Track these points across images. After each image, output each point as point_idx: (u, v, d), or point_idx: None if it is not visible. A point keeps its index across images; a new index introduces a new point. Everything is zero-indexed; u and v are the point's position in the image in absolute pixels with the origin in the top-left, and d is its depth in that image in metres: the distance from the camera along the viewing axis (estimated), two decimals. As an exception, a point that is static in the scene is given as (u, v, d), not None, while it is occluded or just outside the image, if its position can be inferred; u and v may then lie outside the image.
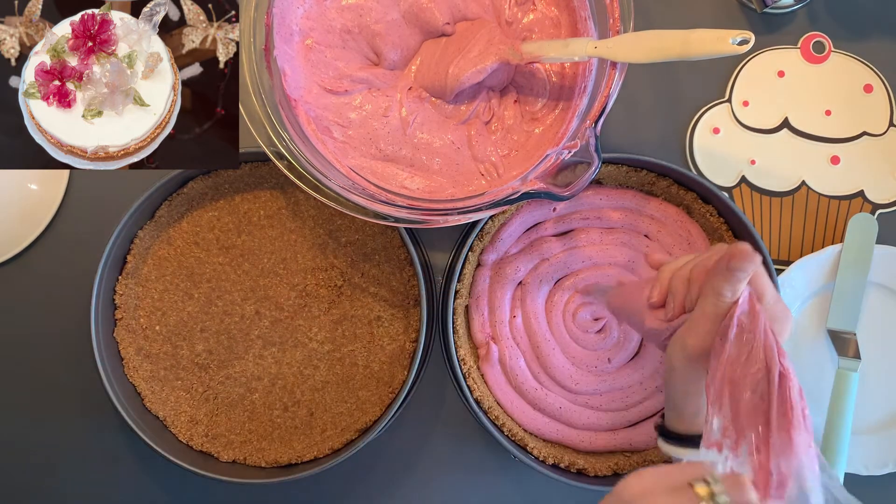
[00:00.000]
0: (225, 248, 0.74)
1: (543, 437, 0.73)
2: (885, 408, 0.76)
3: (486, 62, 0.66)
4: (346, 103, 0.69)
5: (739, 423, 0.47)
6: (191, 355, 0.73)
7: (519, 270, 0.73)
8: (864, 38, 0.79)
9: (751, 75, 0.79)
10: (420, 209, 0.64)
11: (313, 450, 0.72)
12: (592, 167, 0.60)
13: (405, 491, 0.77)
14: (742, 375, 0.47)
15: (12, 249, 0.77)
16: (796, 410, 0.46)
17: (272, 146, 0.63)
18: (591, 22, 0.67)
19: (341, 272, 0.74)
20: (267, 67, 0.64)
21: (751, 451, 0.46)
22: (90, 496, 0.77)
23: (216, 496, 0.77)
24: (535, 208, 0.74)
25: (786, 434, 0.45)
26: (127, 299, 0.73)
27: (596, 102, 0.63)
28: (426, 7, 0.68)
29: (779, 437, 0.45)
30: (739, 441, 0.46)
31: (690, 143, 0.78)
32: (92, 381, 0.71)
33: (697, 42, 0.57)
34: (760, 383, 0.47)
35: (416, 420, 0.77)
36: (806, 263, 0.76)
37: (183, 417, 0.73)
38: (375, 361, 0.73)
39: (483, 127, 0.70)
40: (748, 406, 0.47)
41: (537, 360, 0.73)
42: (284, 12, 0.67)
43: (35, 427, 0.77)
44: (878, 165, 0.78)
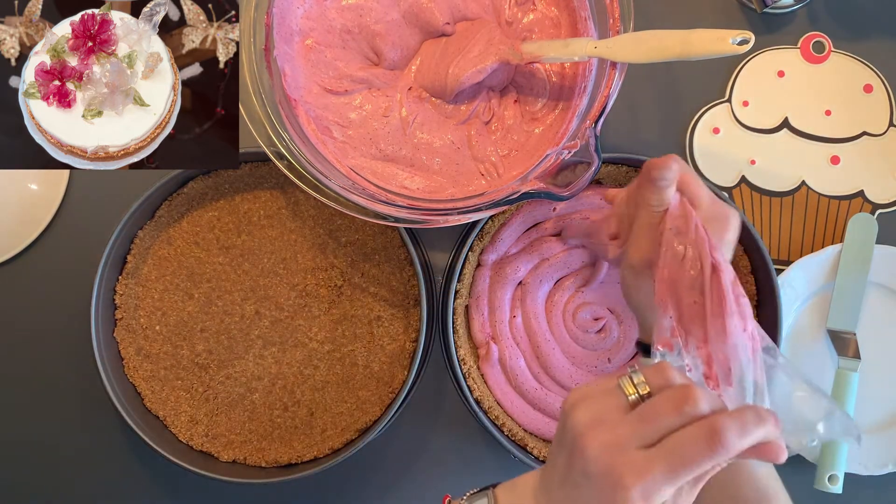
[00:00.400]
0: (225, 248, 0.74)
1: (543, 437, 0.73)
2: (885, 408, 0.76)
3: (486, 62, 0.67)
4: (346, 103, 0.69)
5: (685, 321, 0.48)
6: (191, 355, 0.73)
7: (519, 270, 0.73)
8: (864, 38, 0.79)
9: (751, 75, 0.79)
10: (420, 209, 0.64)
11: (313, 450, 0.72)
12: (592, 167, 0.60)
13: (405, 491, 0.77)
14: (681, 275, 0.49)
15: (12, 249, 0.77)
16: (728, 297, 0.47)
17: (272, 146, 0.63)
18: (591, 22, 0.67)
19: (341, 272, 0.74)
20: (267, 67, 0.64)
21: (698, 346, 0.47)
22: (90, 496, 0.77)
23: (216, 496, 0.77)
24: (535, 208, 0.74)
25: (720, 321, 0.47)
26: (127, 299, 0.73)
27: (596, 102, 0.63)
28: (426, 7, 0.68)
29: (713, 326, 0.47)
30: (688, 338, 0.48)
31: (690, 143, 0.78)
32: (92, 381, 0.71)
33: (697, 42, 0.57)
34: (697, 280, 0.48)
35: (416, 420, 0.77)
36: (806, 263, 0.76)
37: (183, 417, 0.73)
38: (375, 361, 0.73)
39: (483, 127, 0.70)
40: (690, 303, 0.48)
41: (537, 360, 0.73)
42: (284, 12, 0.67)
43: (35, 427, 0.77)
44: (878, 165, 0.78)
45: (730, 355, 0.46)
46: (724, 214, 0.52)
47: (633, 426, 0.42)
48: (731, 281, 0.48)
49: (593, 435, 0.43)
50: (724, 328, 0.46)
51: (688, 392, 0.42)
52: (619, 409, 0.43)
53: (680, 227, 0.50)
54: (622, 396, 0.44)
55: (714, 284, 0.47)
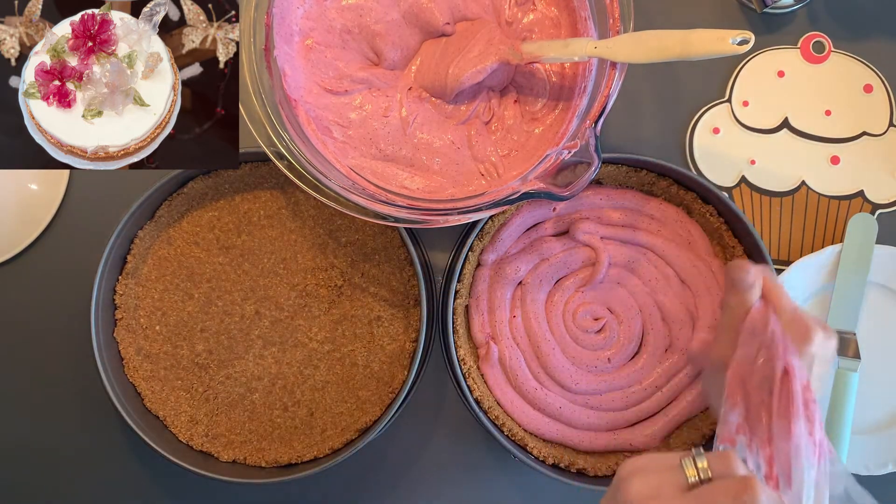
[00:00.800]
0: (225, 248, 0.74)
1: (543, 437, 0.73)
2: (885, 408, 0.76)
3: (486, 62, 0.67)
4: (346, 103, 0.69)
5: (751, 419, 0.49)
6: (191, 355, 0.73)
7: (519, 270, 0.73)
8: (864, 38, 0.79)
9: (751, 75, 0.79)
10: (420, 209, 0.64)
11: (313, 450, 0.72)
12: (592, 167, 0.60)
13: (405, 491, 0.77)
14: (753, 375, 0.49)
15: (12, 249, 0.77)
16: (797, 400, 0.47)
17: (272, 146, 0.63)
18: (591, 22, 0.67)
19: (341, 272, 0.74)
20: (267, 67, 0.64)
21: (761, 445, 0.47)
22: (90, 496, 0.77)
23: (216, 496, 0.77)
24: (535, 208, 0.74)
25: (785, 423, 0.47)
26: (127, 299, 0.73)
27: (596, 102, 0.63)
28: (426, 7, 0.68)
29: (778, 426, 0.47)
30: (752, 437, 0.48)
31: (690, 143, 0.78)
32: (92, 381, 0.71)
33: (697, 42, 0.57)
34: (767, 379, 0.48)
35: (417, 420, 0.77)
36: (806, 263, 0.76)
37: (183, 417, 0.73)
38: (375, 361, 0.73)
39: (483, 127, 0.70)
40: (758, 402, 0.48)
41: (537, 360, 0.73)
42: (284, 12, 0.67)
43: (35, 427, 0.77)
44: (878, 165, 0.78)
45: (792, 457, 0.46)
46: (805, 326, 0.52)
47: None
48: (804, 386, 0.48)
49: None
50: (788, 429, 0.47)
51: (749, 483, 0.42)
52: (677, 488, 0.43)
53: (757, 327, 0.51)
54: (682, 476, 0.44)
55: (784, 385, 0.48)
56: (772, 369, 0.48)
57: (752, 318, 0.51)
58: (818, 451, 0.47)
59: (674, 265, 0.74)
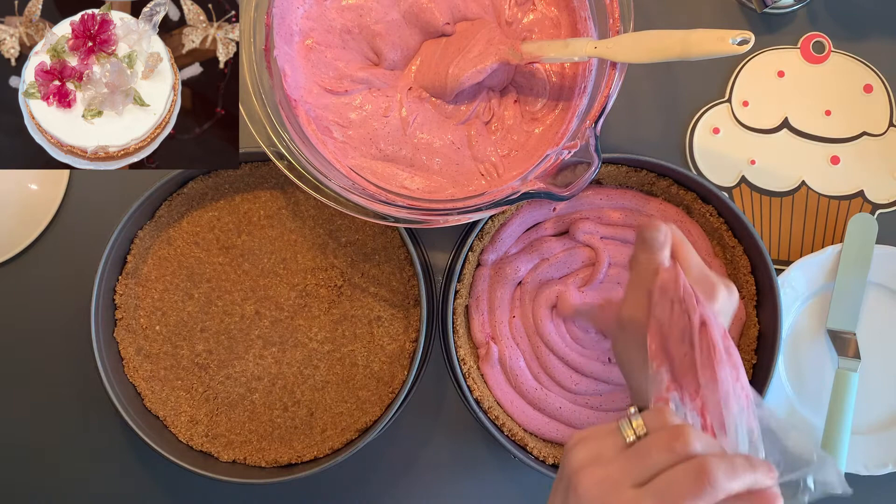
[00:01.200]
0: (225, 248, 0.74)
1: (543, 437, 0.73)
2: (885, 408, 0.76)
3: (486, 62, 0.67)
4: (346, 103, 0.69)
5: (677, 374, 0.49)
6: (191, 355, 0.73)
7: (519, 270, 0.73)
8: (864, 38, 0.79)
9: (751, 75, 0.79)
10: (420, 209, 0.64)
11: (313, 450, 0.72)
12: (592, 167, 0.60)
13: (405, 491, 0.77)
14: (671, 332, 0.50)
15: (12, 249, 0.77)
16: (718, 348, 0.48)
17: (272, 146, 0.63)
18: (591, 22, 0.67)
19: (341, 272, 0.74)
20: (267, 67, 0.64)
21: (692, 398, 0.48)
22: (90, 496, 0.77)
23: (216, 496, 0.77)
24: (535, 208, 0.74)
25: (710, 371, 0.48)
26: (127, 299, 0.73)
27: (596, 102, 0.63)
28: (426, 7, 0.68)
29: (705, 376, 0.48)
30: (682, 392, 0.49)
31: (690, 143, 0.78)
32: (92, 381, 0.71)
33: (697, 42, 0.57)
34: (686, 332, 0.49)
35: (417, 420, 0.77)
36: (806, 263, 0.76)
37: (183, 417, 0.73)
38: (375, 361, 0.73)
39: (483, 127, 0.70)
40: (681, 356, 0.49)
41: (537, 360, 0.73)
42: (284, 12, 0.67)
43: (35, 427, 0.77)
44: (877, 165, 0.78)
45: (722, 404, 0.47)
46: (710, 283, 0.54)
47: (626, 464, 0.43)
48: (721, 334, 0.49)
49: (588, 472, 0.44)
50: (714, 377, 0.47)
51: (680, 430, 0.42)
52: (616, 449, 0.44)
53: (668, 285, 0.52)
54: (620, 437, 0.44)
55: (703, 336, 0.49)
56: (688, 322, 0.49)
57: (663, 278, 0.52)
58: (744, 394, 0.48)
59: (674, 265, 0.74)
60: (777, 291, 0.70)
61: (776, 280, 0.70)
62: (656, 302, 0.52)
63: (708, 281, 0.54)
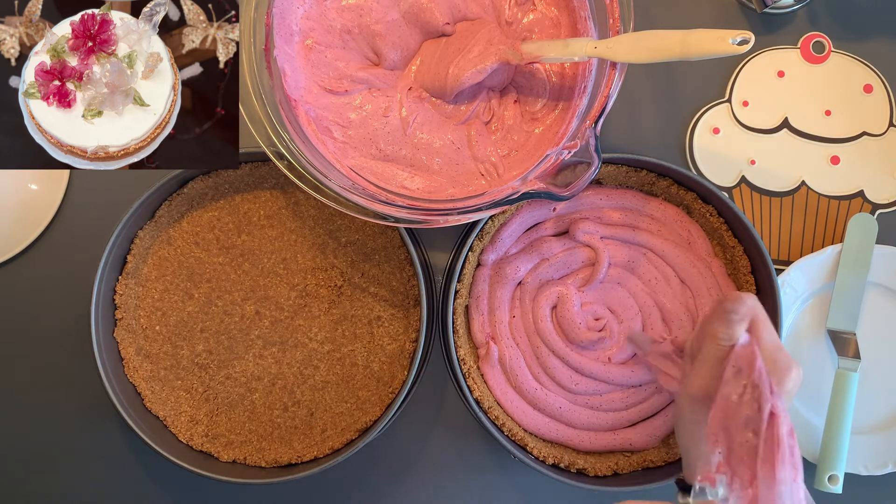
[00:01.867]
0: (225, 248, 0.74)
1: (543, 437, 0.73)
2: (885, 408, 0.76)
3: (486, 62, 0.66)
4: (346, 103, 0.69)
5: (733, 459, 0.49)
6: (191, 355, 0.73)
7: (519, 270, 0.73)
8: (864, 38, 0.79)
9: (751, 75, 0.79)
10: (420, 209, 0.64)
11: (313, 450, 0.72)
12: (592, 167, 0.60)
13: (405, 491, 0.77)
14: (737, 414, 0.49)
15: (12, 249, 0.77)
16: (783, 446, 0.48)
17: (272, 146, 0.63)
18: (591, 22, 0.67)
19: (341, 272, 0.74)
20: (267, 67, 0.64)
21: (744, 487, 0.48)
22: (90, 496, 0.77)
23: (216, 496, 0.77)
24: (535, 208, 0.74)
25: (770, 467, 0.47)
26: (127, 299, 0.73)
27: (596, 102, 0.63)
28: (426, 7, 0.68)
29: (763, 471, 0.47)
30: (734, 477, 0.48)
31: (690, 143, 0.78)
32: (92, 381, 0.71)
33: (697, 42, 0.57)
34: (752, 420, 0.49)
35: (416, 420, 0.77)
36: (806, 263, 0.76)
37: (183, 417, 0.73)
38: (375, 361, 0.73)
39: (483, 127, 0.70)
40: (742, 442, 0.49)
41: (537, 360, 0.73)
42: (284, 12, 0.67)
43: (35, 427, 0.77)
44: (877, 165, 0.78)
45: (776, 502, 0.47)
46: (786, 364, 0.52)
47: None
48: (788, 431, 0.49)
49: None
50: (773, 474, 0.47)
51: None
52: None
53: (743, 365, 0.50)
54: None
55: (770, 429, 0.48)
56: (757, 410, 0.49)
57: (738, 355, 0.51)
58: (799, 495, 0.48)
59: (674, 265, 0.74)
60: (777, 291, 0.69)
61: (776, 280, 0.70)
62: (727, 380, 0.50)
63: (781, 361, 0.52)
